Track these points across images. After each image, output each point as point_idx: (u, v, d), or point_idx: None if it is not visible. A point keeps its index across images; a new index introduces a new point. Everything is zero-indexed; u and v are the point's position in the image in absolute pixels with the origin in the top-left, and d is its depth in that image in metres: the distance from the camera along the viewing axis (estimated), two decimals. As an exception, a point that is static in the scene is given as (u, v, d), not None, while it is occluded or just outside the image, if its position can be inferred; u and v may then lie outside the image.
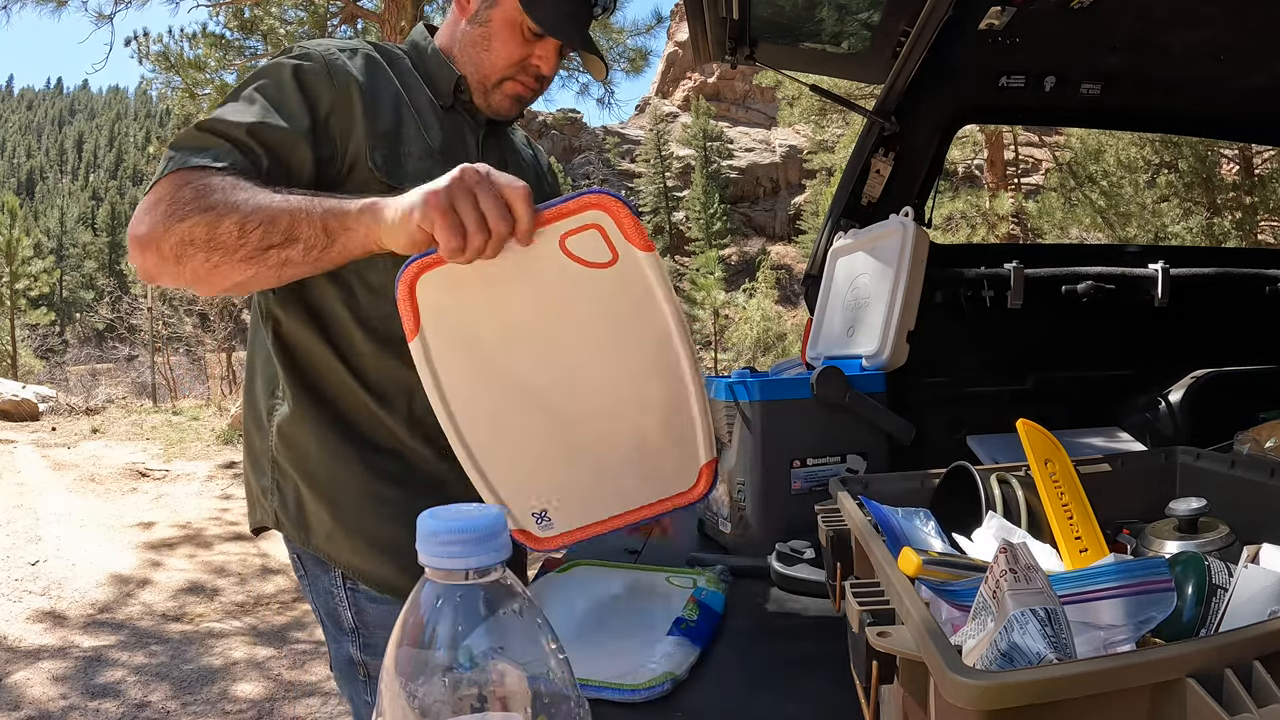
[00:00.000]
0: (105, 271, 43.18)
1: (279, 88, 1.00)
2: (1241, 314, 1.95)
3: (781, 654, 0.84)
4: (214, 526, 5.78)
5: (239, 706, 3.17)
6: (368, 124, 1.03)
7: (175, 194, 0.88)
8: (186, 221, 0.86)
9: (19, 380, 14.00)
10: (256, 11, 9.69)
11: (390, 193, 0.93)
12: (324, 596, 1.10)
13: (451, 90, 1.15)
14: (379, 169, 1.02)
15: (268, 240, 0.85)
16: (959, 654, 0.43)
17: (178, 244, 0.87)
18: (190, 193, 0.87)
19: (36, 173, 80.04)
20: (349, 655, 1.10)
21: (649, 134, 36.06)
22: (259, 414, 1.12)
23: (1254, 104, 1.95)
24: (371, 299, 1.07)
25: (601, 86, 10.77)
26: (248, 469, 1.16)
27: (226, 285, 0.90)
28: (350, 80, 1.03)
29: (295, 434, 1.07)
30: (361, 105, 1.03)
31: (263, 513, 1.12)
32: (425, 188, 0.77)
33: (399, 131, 1.06)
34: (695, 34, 1.74)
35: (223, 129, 0.94)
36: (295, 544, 1.11)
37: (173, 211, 0.87)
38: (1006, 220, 18.09)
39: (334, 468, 1.07)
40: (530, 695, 0.43)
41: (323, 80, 1.02)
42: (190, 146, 0.93)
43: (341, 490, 1.07)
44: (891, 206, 1.79)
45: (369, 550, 1.07)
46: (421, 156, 1.06)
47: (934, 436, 1.68)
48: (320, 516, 1.07)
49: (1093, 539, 0.76)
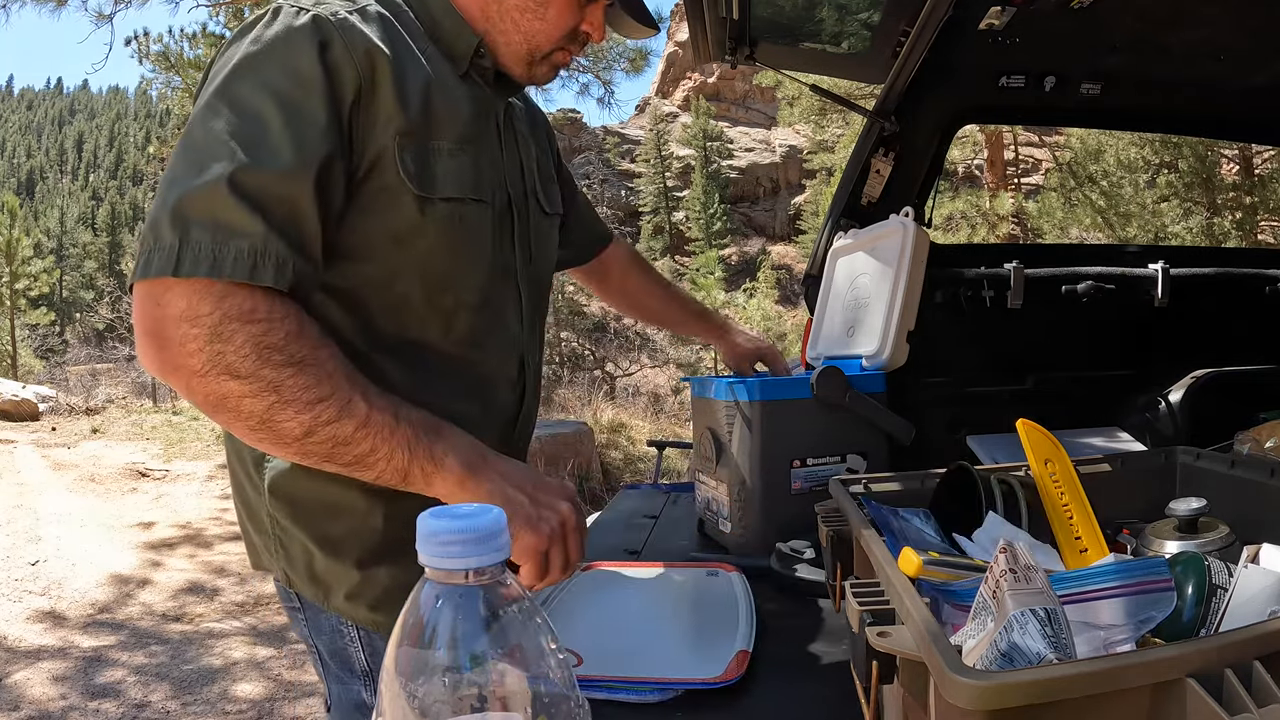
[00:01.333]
0: (105, 271, 43.15)
1: (302, 85, 0.78)
2: (1241, 314, 1.95)
3: (782, 654, 0.84)
4: (214, 526, 5.78)
5: (239, 706, 3.16)
6: (401, 113, 0.83)
7: (220, 328, 0.70)
8: (236, 382, 0.70)
9: (19, 380, 14.01)
10: (256, 11, 9.68)
11: (421, 204, 0.84)
12: (329, 635, 0.96)
13: (470, 54, 0.94)
14: (412, 177, 0.84)
15: (330, 456, 0.74)
16: (959, 654, 0.43)
17: (216, 399, 0.71)
18: (245, 344, 0.70)
19: (36, 173, 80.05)
20: (358, 699, 0.96)
21: (649, 134, 36.05)
22: (244, 461, 0.94)
23: (1254, 104, 1.95)
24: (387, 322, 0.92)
25: (601, 86, 10.76)
26: (242, 514, 0.99)
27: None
28: (376, 55, 0.81)
29: (294, 491, 0.90)
30: (392, 88, 0.82)
31: (268, 562, 0.97)
32: (526, 513, 0.76)
33: (428, 118, 0.86)
34: (695, 34, 1.74)
35: (256, 194, 0.73)
36: (309, 601, 0.96)
37: (216, 359, 0.70)
38: (1006, 220, 18.08)
39: (347, 522, 0.90)
40: (530, 695, 0.43)
41: (345, 66, 0.80)
42: (215, 226, 0.71)
43: (359, 545, 0.91)
44: (891, 206, 1.79)
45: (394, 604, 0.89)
46: (453, 149, 0.89)
47: (934, 436, 1.68)
48: (338, 576, 0.91)
49: (1093, 539, 0.76)
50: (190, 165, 0.73)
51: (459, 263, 0.91)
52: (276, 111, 0.76)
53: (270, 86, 0.77)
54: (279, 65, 0.78)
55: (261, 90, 0.76)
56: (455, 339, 0.93)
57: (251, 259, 0.72)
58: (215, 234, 0.71)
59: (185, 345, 0.70)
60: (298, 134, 0.76)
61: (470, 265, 0.93)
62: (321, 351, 0.74)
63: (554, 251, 1.16)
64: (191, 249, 0.70)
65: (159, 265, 0.70)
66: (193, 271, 0.70)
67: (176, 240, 0.71)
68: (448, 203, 0.88)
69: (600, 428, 7.49)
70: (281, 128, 0.75)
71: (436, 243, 0.88)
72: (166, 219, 0.72)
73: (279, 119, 0.76)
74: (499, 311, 0.99)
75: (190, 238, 0.71)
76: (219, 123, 0.75)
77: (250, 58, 0.78)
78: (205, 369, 0.70)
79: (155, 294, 0.71)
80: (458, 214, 0.89)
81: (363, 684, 0.96)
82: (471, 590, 0.42)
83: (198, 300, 0.70)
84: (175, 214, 0.72)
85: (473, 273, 0.93)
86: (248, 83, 0.77)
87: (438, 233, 0.88)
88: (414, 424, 0.75)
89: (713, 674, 0.76)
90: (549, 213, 1.12)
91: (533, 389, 1.07)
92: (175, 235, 0.71)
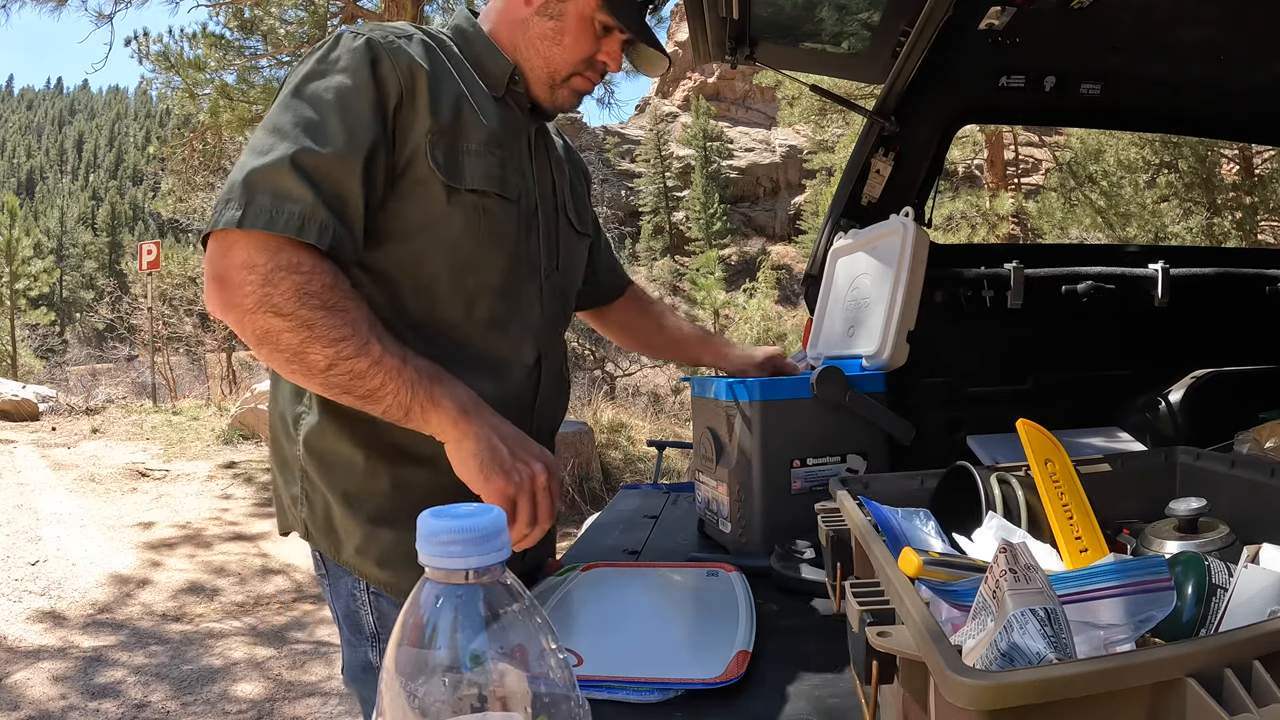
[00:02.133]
0: (105, 271, 43.14)
1: (355, 90, 0.94)
2: (1241, 314, 1.95)
3: (782, 654, 0.84)
4: (214, 526, 5.78)
5: (239, 706, 3.17)
6: (432, 117, 0.98)
7: (271, 275, 0.85)
8: (278, 319, 0.86)
9: (19, 380, 14.01)
10: (256, 11, 9.68)
11: (449, 193, 0.99)
12: (345, 599, 1.07)
13: (505, 80, 1.09)
14: (440, 168, 0.99)
15: (348, 389, 0.88)
16: (959, 654, 0.43)
17: (261, 332, 0.87)
18: (290, 289, 0.86)
19: (36, 173, 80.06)
20: (366, 660, 1.07)
21: (649, 134, 36.06)
22: (286, 420, 1.08)
23: (1254, 104, 1.95)
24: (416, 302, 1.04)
25: (601, 86, 10.76)
26: (276, 473, 1.12)
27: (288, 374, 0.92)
28: (416, 70, 0.98)
29: (323, 447, 1.03)
30: (428, 97, 0.98)
31: (292, 519, 1.09)
32: (502, 458, 0.88)
33: (458, 123, 1.01)
34: (695, 34, 1.74)
35: (311, 172, 0.90)
36: (330, 561, 1.08)
37: (265, 299, 0.86)
38: (1006, 220, 18.09)
39: (363, 482, 1.03)
40: (530, 695, 0.43)
41: (390, 77, 0.97)
42: (275, 193, 0.88)
43: (371, 504, 1.03)
44: (891, 206, 1.79)
45: (400, 564, 1.03)
46: (480, 151, 1.03)
47: (934, 436, 1.68)
48: (350, 530, 1.03)
49: (1093, 539, 0.76)
50: (262, 146, 0.91)
51: (482, 248, 1.03)
52: (334, 109, 0.93)
53: (331, 90, 0.94)
54: (338, 75, 0.95)
55: (324, 93, 0.94)
56: (478, 320, 1.05)
57: (300, 220, 0.88)
58: (274, 199, 0.87)
59: (242, 288, 0.86)
60: (349, 127, 0.93)
61: (493, 252, 1.04)
62: (349, 301, 0.88)
63: (581, 267, 1.27)
64: (254, 209, 0.87)
65: (228, 219, 0.86)
66: (252, 225, 0.86)
67: (243, 202, 0.87)
68: (474, 194, 1.01)
69: (600, 428, 7.49)
70: (337, 121, 0.92)
71: (462, 228, 1.01)
72: (239, 186, 0.88)
73: (335, 115, 0.93)
74: (519, 300, 1.09)
75: (255, 201, 0.87)
76: (288, 115, 0.92)
77: (316, 69, 0.96)
78: (255, 307, 0.86)
79: (224, 245, 0.87)
80: (482, 205, 1.02)
81: (369, 645, 1.06)
82: (472, 590, 0.43)
83: (256, 251, 0.86)
84: (246, 182, 0.88)
85: (495, 259, 1.05)
86: (313, 86, 0.94)
87: (463, 219, 1.01)
88: (419, 369, 0.89)
89: (713, 674, 0.76)
90: (579, 231, 1.23)
91: (550, 382, 1.16)
92: (243, 198, 0.87)
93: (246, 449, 7.92)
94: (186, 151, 11.73)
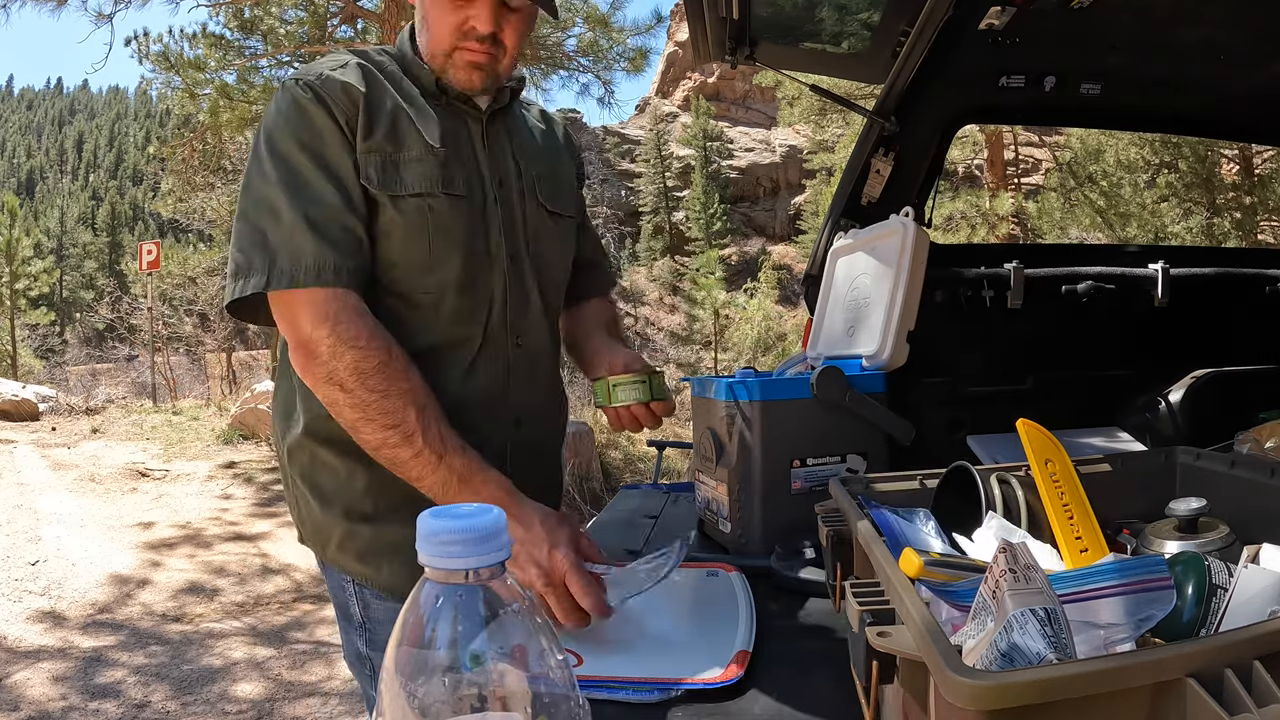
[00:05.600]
0: (105, 271, 43.09)
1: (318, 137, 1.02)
2: (1241, 314, 1.95)
3: (782, 654, 0.84)
4: (214, 526, 5.78)
5: (239, 706, 3.17)
6: (365, 139, 1.04)
7: (335, 348, 0.96)
8: (341, 392, 0.96)
9: (19, 380, 14.00)
10: (256, 11, 9.68)
11: (392, 201, 1.05)
12: (336, 590, 1.16)
13: (435, 85, 1.12)
14: (373, 183, 1.04)
15: (392, 468, 0.97)
16: (959, 654, 0.43)
17: (326, 397, 0.99)
18: (350, 364, 0.96)
19: (36, 173, 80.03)
20: (357, 649, 1.15)
21: (649, 134, 36.04)
22: (278, 433, 1.18)
23: (1254, 104, 1.95)
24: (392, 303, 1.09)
25: (601, 86, 10.75)
26: (283, 482, 1.23)
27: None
28: (355, 95, 1.05)
29: (302, 455, 1.13)
30: (365, 117, 1.04)
31: (295, 521, 1.20)
32: (528, 552, 0.89)
33: (395, 135, 1.07)
34: (695, 34, 1.74)
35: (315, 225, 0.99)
36: (323, 561, 1.18)
37: (332, 375, 0.97)
38: (1006, 220, 18.09)
39: (342, 482, 1.11)
40: (530, 695, 0.43)
41: (338, 109, 1.04)
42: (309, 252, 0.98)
43: (348, 502, 1.11)
44: (891, 206, 1.79)
45: (377, 558, 1.10)
46: (421, 155, 1.07)
47: (934, 436, 1.68)
48: (330, 528, 1.12)
49: (1093, 539, 0.76)
50: (262, 211, 1.00)
51: (435, 247, 1.07)
52: (308, 160, 1.01)
53: (297, 140, 1.02)
54: (295, 125, 1.03)
55: (292, 145, 1.02)
56: (444, 315, 1.10)
57: (316, 269, 0.98)
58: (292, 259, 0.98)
59: (315, 358, 0.97)
60: (326, 172, 1.02)
61: (446, 249, 1.08)
62: (402, 384, 0.97)
63: (562, 249, 1.27)
64: (277, 271, 0.98)
65: (255, 284, 0.98)
66: (276, 285, 0.97)
67: (266, 265, 0.98)
68: (416, 198, 1.06)
69: (600, 428, 7.48)
70: (312, 170, 1.01)
71: (410, 231, 1.06)
72: (257, 249, 0.99)
73: (309, 165, 1.01)
74: (482, 292, 1.13)
75: (277, 264, 0.98)
76: (272, 179, 1.01)
77: (275, 125, 1.04)
78: (325, 379, 0.97)
79: (279, 307, 1.01)
80: (427, 205, 1.07)
81: (359, 635, 1.13)
82: (472, 590, 0.42)
83: (317, 324, 0.97)
84: (263, 245, 0.99)
85: (450, 256, 1.09)
86: (281, 143, 1.02)
87: (409, 223, 1.06)
88: (452, 468, 0.96)
89: (713, 674, 0.76)
90: (553, 211, 1.22)
91: (526, 368, 1.18)
92: (265, 262, 0.98)
93: (246, 449, 7.92)
94: (186, 151, 11.74)
